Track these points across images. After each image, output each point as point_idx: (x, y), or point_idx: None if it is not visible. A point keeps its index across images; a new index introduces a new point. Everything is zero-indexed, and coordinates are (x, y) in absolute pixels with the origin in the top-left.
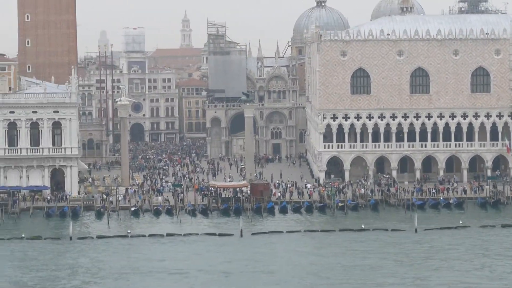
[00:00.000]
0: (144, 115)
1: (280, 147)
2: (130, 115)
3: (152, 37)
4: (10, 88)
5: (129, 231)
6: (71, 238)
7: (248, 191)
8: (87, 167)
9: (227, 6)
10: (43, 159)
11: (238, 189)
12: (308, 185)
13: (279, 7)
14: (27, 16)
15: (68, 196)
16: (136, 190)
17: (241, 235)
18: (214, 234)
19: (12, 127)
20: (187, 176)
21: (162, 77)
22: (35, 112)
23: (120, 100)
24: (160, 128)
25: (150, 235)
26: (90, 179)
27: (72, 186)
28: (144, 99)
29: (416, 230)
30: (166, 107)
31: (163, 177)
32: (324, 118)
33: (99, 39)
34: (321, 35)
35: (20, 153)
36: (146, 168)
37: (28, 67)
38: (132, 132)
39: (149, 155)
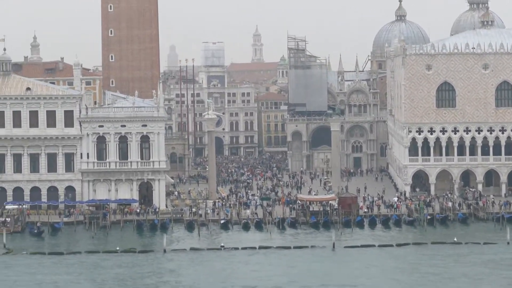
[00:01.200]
0: (223, 129)
1: (361, 161)
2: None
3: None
4: (95, 103)
5: (222, 244)
6: (165, 251)
7: (336, 205)
8: (172, 181)
9: (305, 21)
10: (132, 173)
11: (325, 203)
12: (395, 199)
13: (357, 21)
14: (111, 31)
15: (157, 209)
16: (224, 203)
17: (334, 248)
18: (306, 247)
19: (101, 141)
20: (272, 189)
21: (241, 91)
22: (124, 126)
23: (207, 114)
24: (239, 142)
25: (243, 248)
26: (176, 193)
27: (160, 199)
28: (223, 113)
29: (508, 243)
30: (245, 121)
31: (248, 190)
32: (410, 131)
33: (168, 53)
34: (405, 49)
35: (109, 166)
36: (229, 182)
37: (112, 81)
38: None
39: (230, 168)
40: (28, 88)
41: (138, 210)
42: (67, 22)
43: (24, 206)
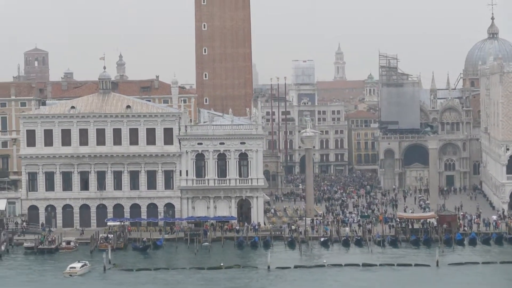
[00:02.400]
0: (314, 147)
1: (453, 179)
2: (299, 147)
3: None
4: (190, 120)
5: (324, 260)
6: (269, 268)
7: (435, 222)
8: (268, 198)
9: (395, 39)
10: (230, 190)
11: (424, 220)
12: (494, 217)
13: (448, 39)
14: (205, 49)
15: (257, 227)
16: (321, 221)
17: (437, 266)
18: (409, 265)
19: (199, 158)
20: (368, 207)
21: (331, 109)
22: (223, 143)
23: (305, 132)
24: (329, 160)
25: (346, 265)
26: (272, 210)
27: (258, 216)
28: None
29: None
30: (336, 139)
31: (344, 208)
32: (507, 149)
33: None
34: (503, 66)
35: (208, 184)
36: (322, 200)
37: (206, 99)
38: (301, 164)
39: (322, 186)
40: (128, 106)
41: (237, 227)
42: (160, 40)
43: (125, 222)
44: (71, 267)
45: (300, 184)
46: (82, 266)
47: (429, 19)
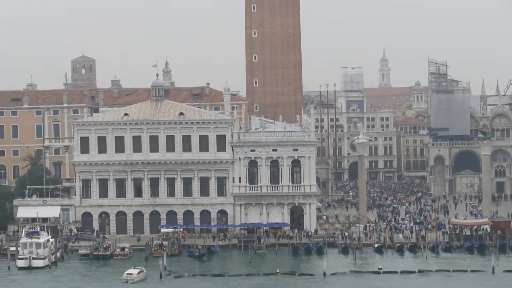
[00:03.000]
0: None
1: (504, 185)
2: (348, 153)
3: None
4: (240, 127)
5: (380, 266)
6: (325, 274)
7: (489, 229)
8: (320, 205)
9: (443, 46)
10: (283, 197)
11: (478, 227)
12: None
13: (495, 46)
14: (255, 56)
15: (310, 233)
16: (374, 227)
17: (493, 272)
18: (465, 271)
19: (252, 165)
20: (420, 214)
21: (380, 116)
22: (275, 150)
23: (358, 138)
24: (378, 166)
25: (402, 271)
26: (324, 217)
27: (311, 223)
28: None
29: None
30: (384, 145)
31: (396, 215)
32: None
33: None
34: None
35: (261, 190)
36: (373, 206)
37: (256, 106)
38: (350, 171)
39: (371, 193)
40: (181, 113)
41: (290, 234)
42: (208, 47)
43: (179, 229)
44: (128, 274)
45: (351, 191)
46: (139, 272)
47: (476, 26)
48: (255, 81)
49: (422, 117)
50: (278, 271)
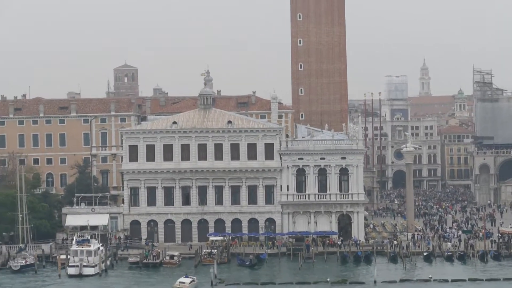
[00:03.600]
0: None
1: None
2: (393, 162)
3: None
4: (287, 136)
5: (430, 275)
6: (375, 282)
7: None
8: (367, 213)
9: (482, 54)
10: (331, 205)
11: None
12: None
13: None
14: (300, 65)
15: (358, 242)
16: (422, 236)
17: None
18: None
19: (300, 173)
20: (467, 222)
21: (424, 124)
22: (323, 158)
23: (406, 147)
24: (422, 175)
25: (452, 280)
26: (371, 225)
27: (359, 231)
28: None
29: None
30: (428, 154)
31: (443, 224)
32: None
33: None
34: None
35: (309, 199)
36: (419, 215)
37: (301, 114)
38: (394, 179)
39: (416, 201)
40: (230, 122)
41: (339, 242)
42: (252, 55)
43: (228, 237)
44: (180, 282)
45: (396, 199)
46: (191, 282)
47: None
48: (301, 90)
49: (465, 125)
50: (328, 279)
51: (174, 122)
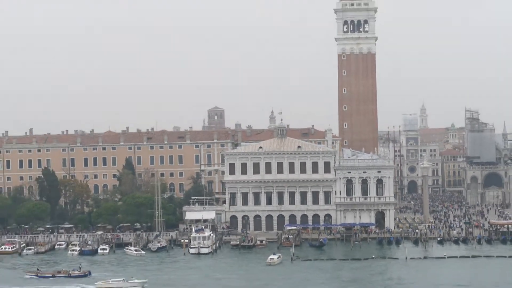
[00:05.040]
0: (417, 175)
1: None
2: (407, 174)
3: None
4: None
5: (444, 253)
6: (406, 258)
7: None
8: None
9: (473, 93)
10: (370, 204)
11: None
12: None
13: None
14: (344, 107)
15: (390, 230)
16: (435, 226)
17: None
18: (504, 256)
19: (349, 183)
20: (464, 216)
21: (430, 148)
22: (365, 172)
23: (423, 164)
24: (428, 183)
25: (460, 256)
26: (397, 219)
27: (390, 223)
28: (417, 164)
29: None
30: (433, 169)
31: (447, 217)
32: None
33: None
34: None
35: (354, 200)
36: (429, 211)
37: (345, 141)
38: (409, 187)
39: None
40: (299, 146)
41: (376, 231)
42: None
43: (299, 227)
44: (270, 258)
45: (412, 201)
46: (278, 257)
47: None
48: (345, 124)
49: (458, 149)
50: (373, 256)
51: (260, 147)
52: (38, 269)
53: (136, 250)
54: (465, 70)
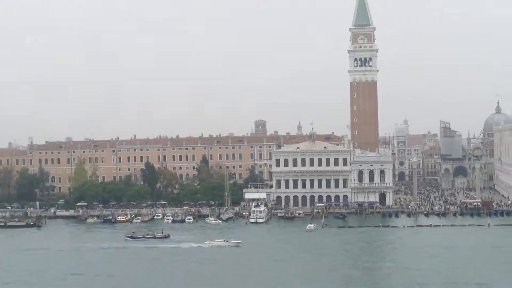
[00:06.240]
0: (405, 167)
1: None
2: (398, 167)
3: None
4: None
5: (430, 223)
6: (404, 226)
7: (480, 204)
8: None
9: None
10: (376, 188)
11: (475, 204)
12: (509, 202)
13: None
14: (355, 119)
15: (390, 206)
16: (421, 203)
17: (489, 226)
18: (474, 225)
19: (360, 173)
20: (441, 197)
21: (414, 148)
22: (372, 165)
23: (413, 159)
24: (412, 174)
25: (443, 225)
26: (394, 198)
27: (389, 201)
28: (405, 160)
29: None
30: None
31: (429, 197)
32: None
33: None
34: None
35: (364, 185)
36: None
37: (356, 144)
38: (399, 176)
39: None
40: (325, 147)
41: (380, 207)
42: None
43: (325, 204)
44: (308, 226)
45: (402, 186)
46: (314, 225)
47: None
48: (355, 131)
49: (434, 149)
50: (380, 224)
51: (298, 148)
52: (133, 232)
53: (214, 220)
54: (440, 91)
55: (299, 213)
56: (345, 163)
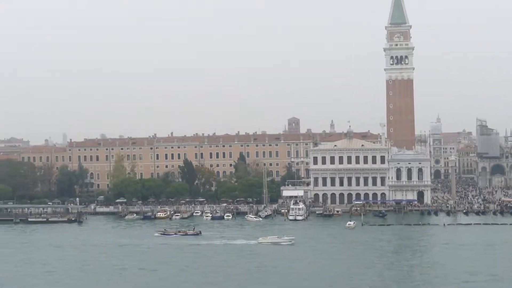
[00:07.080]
0: (441, 165)
1: None
2: (434, 165)
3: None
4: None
5: (470, 222)
6: (444, 225)
7: None
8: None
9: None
10: (414, 186)
11: None
12: None
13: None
14: (391, 117)
15: (428, 204)
16: (460, 201)
17: None
18: (505, 224)
19: (398, 171)
20: (479, 195)
21: (450, 146)
22: (409, 163)
23: (451, 157)
24: (448, 172)
25: (483, 224)
26: (432, 196)
27: (428, 199)
28: (440, 158)
29: None
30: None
31: (468, 196)
32: None
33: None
34: None
35: (402, 183)
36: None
37: (392, 142)
38: (434, 174)
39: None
40: (362, 145)
41: (418, 205)
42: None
43: (364, 202)
44: (348, 223)
45: (439, 184)
46: (354, 223)
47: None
48: (391, 129)
49: (470, 147)
50: (420, 222)
51: (335, 145)
52: (164, 229)
53: (255, 217)
54: (474, 87)
55: (337, 211)
56: (382, 161)
